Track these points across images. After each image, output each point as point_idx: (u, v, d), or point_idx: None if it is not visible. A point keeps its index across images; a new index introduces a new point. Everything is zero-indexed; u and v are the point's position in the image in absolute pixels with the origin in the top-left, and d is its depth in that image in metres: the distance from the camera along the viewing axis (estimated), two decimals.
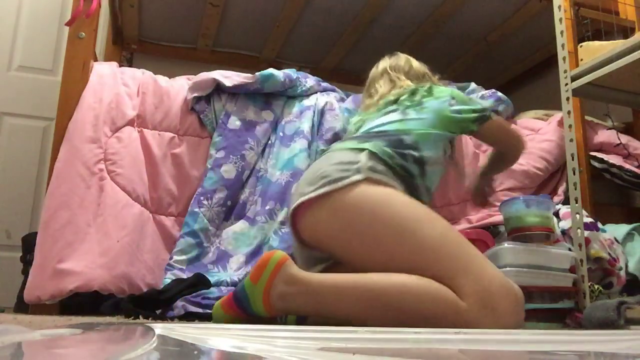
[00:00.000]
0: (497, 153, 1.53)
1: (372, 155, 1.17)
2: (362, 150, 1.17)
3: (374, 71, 1.55)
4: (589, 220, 1.54)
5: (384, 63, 1.55)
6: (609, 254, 1.49)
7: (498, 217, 1.62)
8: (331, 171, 1.11)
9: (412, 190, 1.21)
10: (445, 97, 1.35)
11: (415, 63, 1.55)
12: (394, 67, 1.52)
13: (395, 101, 1.38)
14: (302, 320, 1.13)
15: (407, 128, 1.27)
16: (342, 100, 1.84)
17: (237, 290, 1.05)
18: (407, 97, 1.37)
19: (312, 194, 1.10)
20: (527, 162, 1.82)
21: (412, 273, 0.97)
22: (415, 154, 1.24)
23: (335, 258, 1.14)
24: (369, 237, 1.03)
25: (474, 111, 1.36)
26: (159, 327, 0.62)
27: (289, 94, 1.78)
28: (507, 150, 1.50)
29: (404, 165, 1.20)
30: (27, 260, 1.61)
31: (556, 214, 1.60)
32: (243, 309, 1.04)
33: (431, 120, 1.31)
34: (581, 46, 1.58)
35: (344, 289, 0.98)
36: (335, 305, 0.99)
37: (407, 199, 1.09)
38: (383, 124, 1.31)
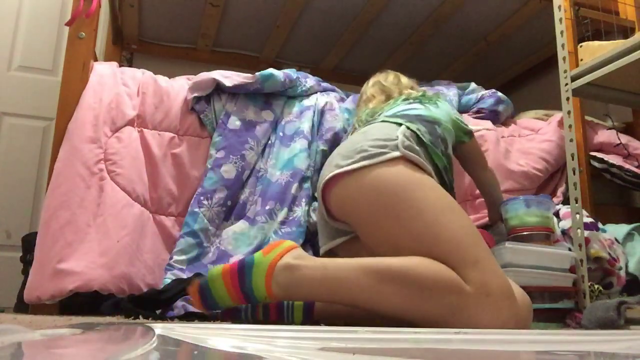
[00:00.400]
0: (482, 189, 1.60)
1: (409, 132, 1.18)
2: (400, 125, 1.20)
3: (365, 86, 1.60)
4: (589, 220, 1.54)
5: (375, 78, 1.60)
6: (609, 254, 1.49)
7: None
8: (368, 146, 1.13)
9: (443, 185, 1.22)
10: (448, 105, 1.45)
11: (404, 78, 1.60)
12: (385, 80, 1.57)
13: (407, 99, 1.41)
14: (308, 312, 1.13)
15: (436, 117, 1.31)
16: (342, 100, 1.84)
17: (244, 261, 1.04)
18: (419, 96, 1.42)
19: (348, 167, 1.11)
20: (526, 163, 1.82)
21: (424, 257, 0.98)
22: (443, 146, 1.27)
23: (357, 233, 1.16)
24: (393, 215, 1.04)
25: (466, 125, 1.47)
26: (159, 327, 0.62)
27: (289, 94, 1.78)
28: (479, 171, 1.57)
29: (436, 152, 1.22)
30: (27, 260, 1.62)
31: (556, 213, 1.60)
32: (242, 281, 1.01)
33: (447, 118, 1.36)
34: (581, 46, 1.58)
35: (349, 265, 0.99)
36: (340, 282, 0.98)
37: (438, 187, 1.10)
38: (411, 109, 1.32)
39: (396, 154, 1.10)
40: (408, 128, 1.20)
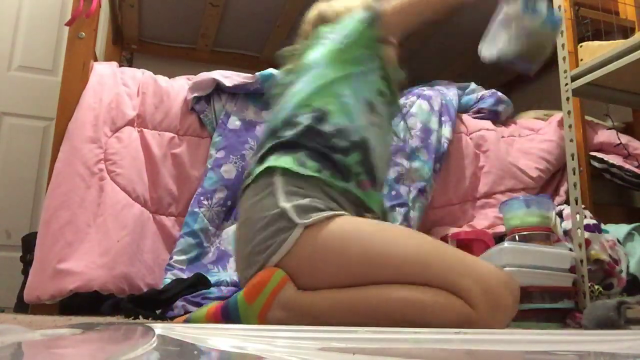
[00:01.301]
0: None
1: (284, 178, 0.96)
2: (271, 172, 0.97)
3: None
4: (592, 221, 1.53)
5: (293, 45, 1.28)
6: (610, 255, 1.49)
7: (502, 228, 1.61)
8: (260, 243, 0.93)
9: (358, 205, 1.03)
10: (321, 36, 1.14)
11: (313, 12, 1.29)
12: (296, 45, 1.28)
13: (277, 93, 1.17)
14: None
15: (316, 106, 1.03)
16: None
17: (228, 308, 0.94)
18: (285, 76, 1.17)
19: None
20: (527, 163, 1.82)
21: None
22: (345, 143, 1.01)
23: None
24: (343, 278, 0.90)
25: (358, 21, 1.10)
26: (159, 327, 0.62)
27: None
28: (435, 12, 1.13)
29: (327, 179, 0.98)
30: (27, 260, 1.61)
31: (559, 214, 1.60)
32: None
33: (327, 71, 1.07)
34: (581, 46, 1.58)
35: (345, 309, 0.89)
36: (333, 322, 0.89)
37: (360, 223, 0.95)
38: (277, 119, 1.06)
39: (298, 232, 0.90)
40: (283, 174, 0.97)
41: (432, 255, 0.89)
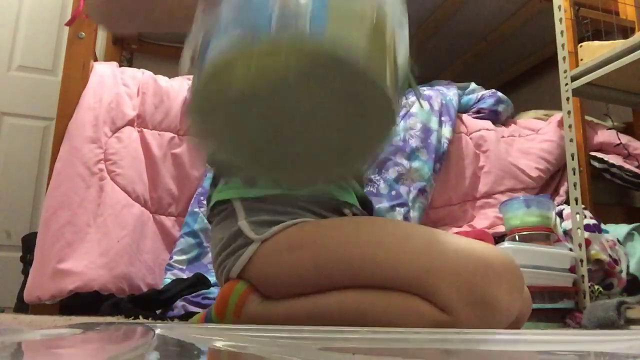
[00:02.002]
0: None
1: (245, 200, 0.88)
2: (225, 204, 0.91)
3: None
4: (592, 221, 1.53)
5: None
6: (610, 255, 1.49)
7: (502, 228, 1.61)
8: (220, 264, 0.88)
9: (334, 205, 0.93)
10: None
11: None
12: None
13: None
14: None
15: None
16: None
17: (206, 317, 0.91)
18: None
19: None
20: (527, 163, 1.82)
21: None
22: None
23: None
24: (302, 285, 0.82)
25: None
26: (159, 327, 0.62)
27: None
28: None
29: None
30: (27, 260, 1.62)
31: (559, 214, 1.60)
32: None
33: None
34: (581, 46, 1.58)
35: (298, 321, 0.80)
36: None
37: (316, 226, 0.85)
38: None
39: (254, 247, 0.83)
40: (239, 197, 0.90)
41: (386, 251, 0.75)
